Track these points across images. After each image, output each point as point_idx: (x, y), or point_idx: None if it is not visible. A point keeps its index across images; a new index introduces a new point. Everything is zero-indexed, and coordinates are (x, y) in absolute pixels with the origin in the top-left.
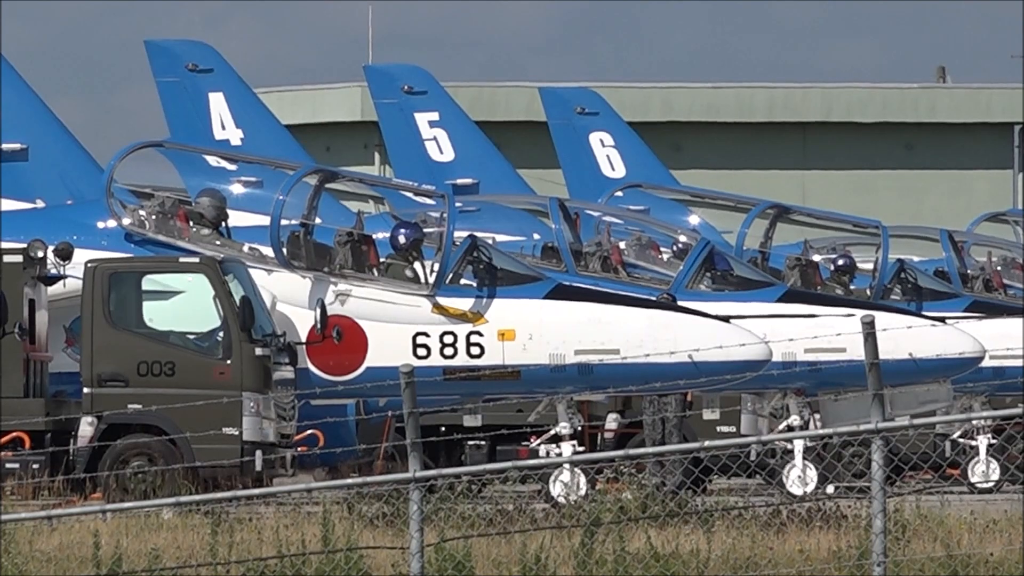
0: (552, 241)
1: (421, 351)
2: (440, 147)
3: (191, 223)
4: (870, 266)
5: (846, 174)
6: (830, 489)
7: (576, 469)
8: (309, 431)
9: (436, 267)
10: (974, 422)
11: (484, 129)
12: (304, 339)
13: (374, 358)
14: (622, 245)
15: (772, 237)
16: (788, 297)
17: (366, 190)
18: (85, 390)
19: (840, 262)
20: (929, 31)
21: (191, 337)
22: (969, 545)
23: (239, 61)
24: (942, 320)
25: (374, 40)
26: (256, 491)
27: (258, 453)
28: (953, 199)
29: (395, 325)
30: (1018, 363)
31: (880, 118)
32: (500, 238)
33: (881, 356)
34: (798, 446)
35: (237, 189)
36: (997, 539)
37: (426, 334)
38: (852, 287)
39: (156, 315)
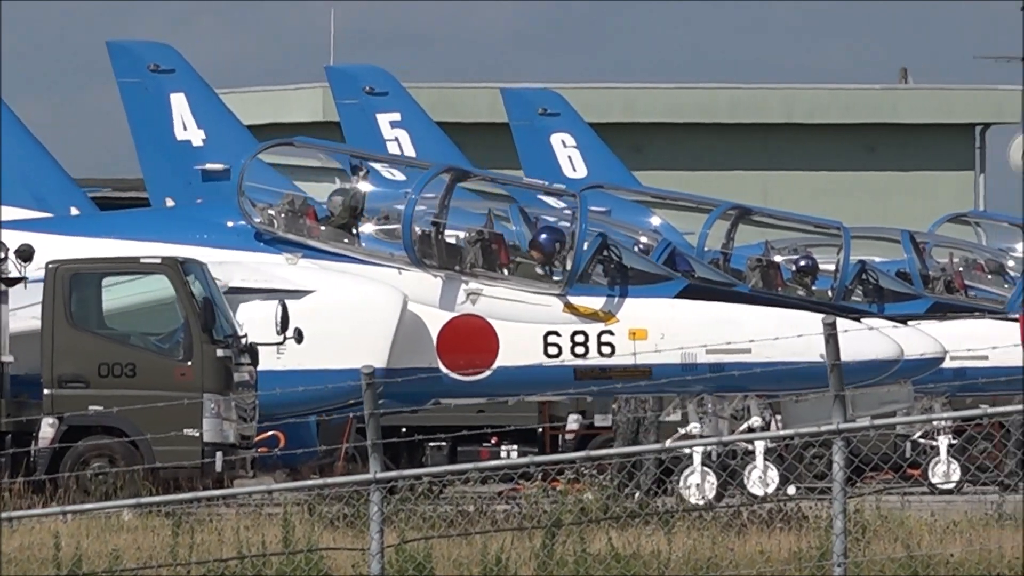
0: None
1: (552, 350)
2: (401, 148)
3: (320, 222)
4: (832, 267)
5: (808, 175)
6: (791, 490)
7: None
8: (270, 432)
9: (567, 266)
10: (935, 423)
11: (446, 130)
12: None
13: (505, 358)
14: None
15: (734, 238)
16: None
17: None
18: (46, 391)
19: (801, 263)
20: (891, 32)
21: (152, 338)
22: (930, 546)
23: (201, 62)
24: (903, 321)
25: (336, 41)
26: (217, 492)
27: (219, 454)
28: (915, 200)
29: (526, 324)
30: (979, 364)
31: (842, 119)
32: None
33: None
34: (759, 447)
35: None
36: (958, 540)
37: (557, 333)
38: (814, 288)
39: (117, 316)
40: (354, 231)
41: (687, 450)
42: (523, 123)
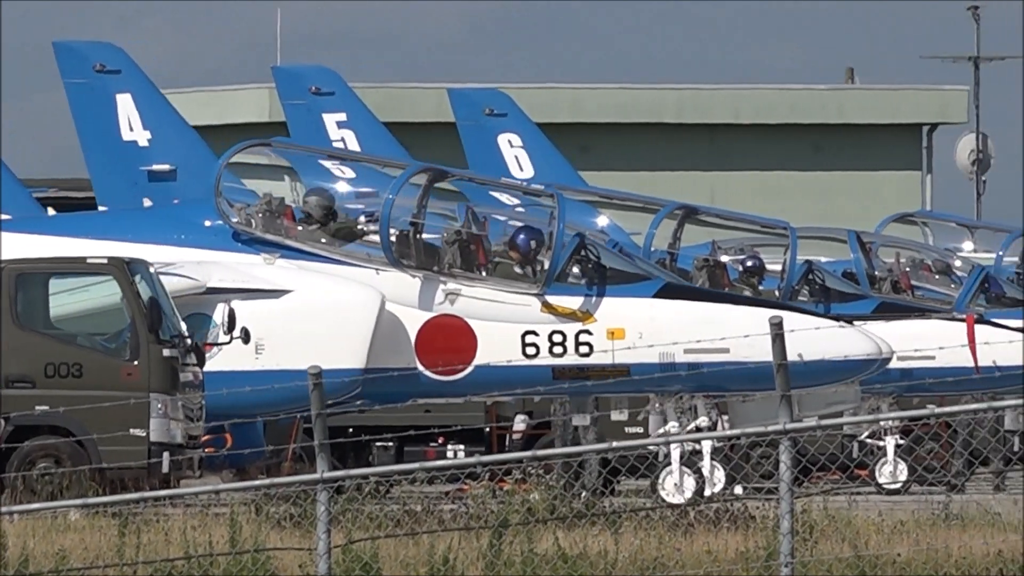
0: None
1: (530, 350)
2: (348, 148)
3: (298, 222)
4: (778, 267)
5: (755, 175)
6: (738, 490)
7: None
8: (219, 435)
9: (545, 265)
10: (882, 423)
11: (392, 130)
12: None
13: (483, 358)
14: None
15: (680, 238)
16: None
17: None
18: None
19: (748, 263)
20: (838, 32)
21: (99, 338)
22: (877, 546)
23: (147, 62)
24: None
25: (282, 41)
26: (163, 492)
27: (165, 454)
28: (862, 200)
29: (504, 324)
30: (926, 364)
31: (789, 119)
32: None
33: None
34: (706, 447)
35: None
36: (904, 540)
37: (535, 333)
38: (761, 288)
39: (64, 316)
40: (331, 231)
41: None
42: (470, 123)
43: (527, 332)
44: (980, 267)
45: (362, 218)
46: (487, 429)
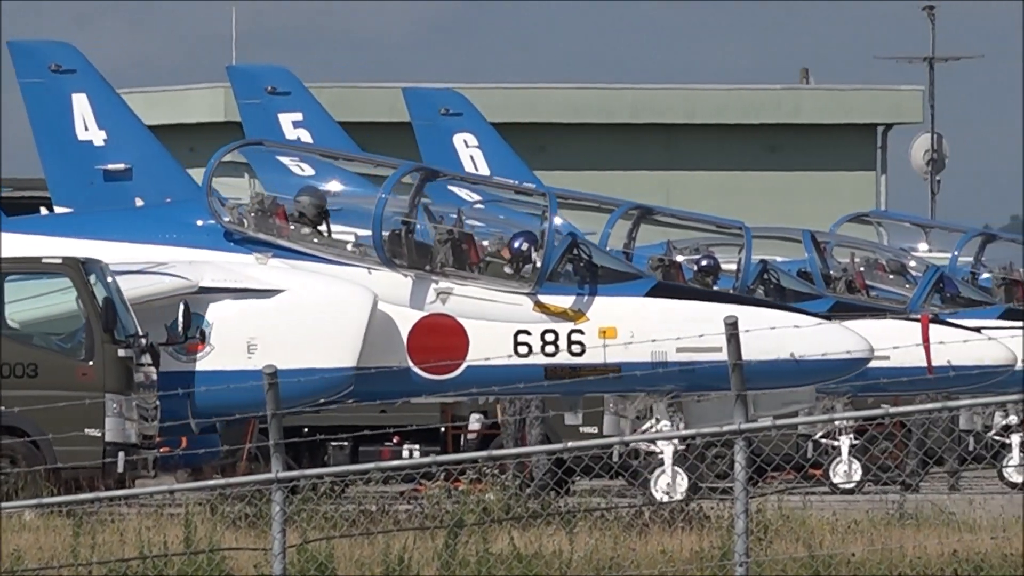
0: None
1: (522, 349)
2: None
3: (290, 221)
4: (733, 267)
5: (710, 175)
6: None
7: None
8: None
9: (537, 265)
10: (836, 423)
11: (348, 130)
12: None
13: (475, 357)
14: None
15: (635, 238)
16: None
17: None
18: None
19: (703, 263)
20: (793, 33)
21: (54, 338)
22: (831, 545)
23: (103, 62)
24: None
25: (237, 41)
26: (118, 492)
27: (120, 454)
28: (816, 200)
29: (496, 323)
30: (881, 364)
31: (743, 119)
32: None
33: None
34: (668, 452)
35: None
36: (859, 539)
37: (527, 332)
38: (716, 287)
39: (19, 315)
40: (324, 230)
41: (650, 445)
42: (425, 123)
43: (519, 331)
44: (935, 267)
45: (355, 217)
46: (442, 429)
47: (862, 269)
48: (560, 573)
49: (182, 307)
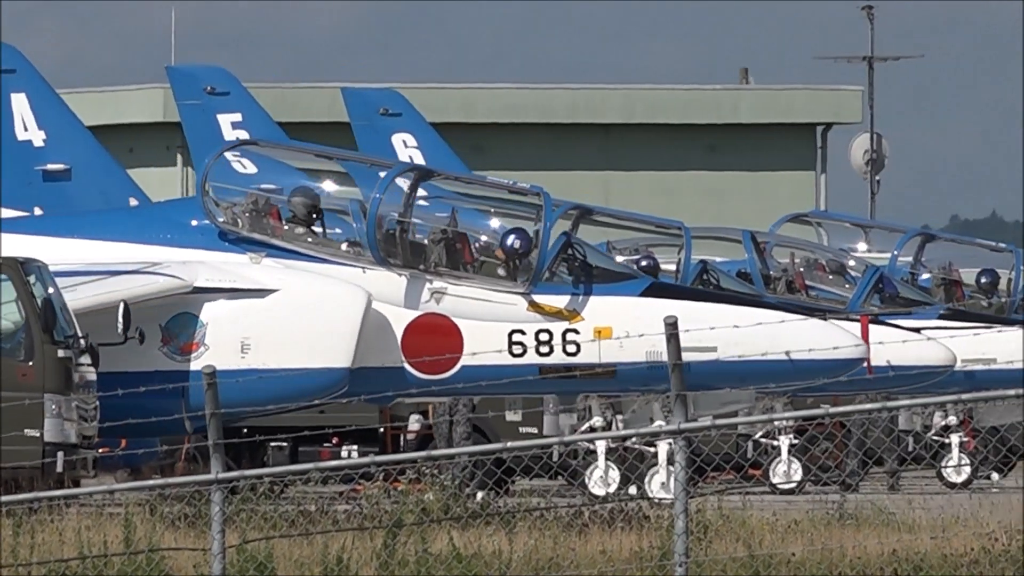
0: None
1: (517, 349)
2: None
3: (284, 221)
4: (672, 267)
5: (649, 175)
6: (632, 490)
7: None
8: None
9: (532, 264)
10: (776, 423)
11: (287, 130)
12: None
13: (470, 356)
14: None
15: None
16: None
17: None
18: None
19: (643, 263)
20: (732, 33)
21: None
22: (771, 545)
23: (42, 62)
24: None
25: (177, 41)
26: (58, 492)
27: (60, 454)
28: (756, 200)
29: (490, 323)
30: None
31: (682, 119)
32: None
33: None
34: (601, 447)
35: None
36: (799, 539)
37: (522, 332)
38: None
39: None
40: (318, 230)
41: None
42: (364, 123)
43: (514, 331)
44: (874, 267)
45: (349, 216)
46: (381, 430)
47: (802, 269)
48: (500, 573)
49: (121, 306)
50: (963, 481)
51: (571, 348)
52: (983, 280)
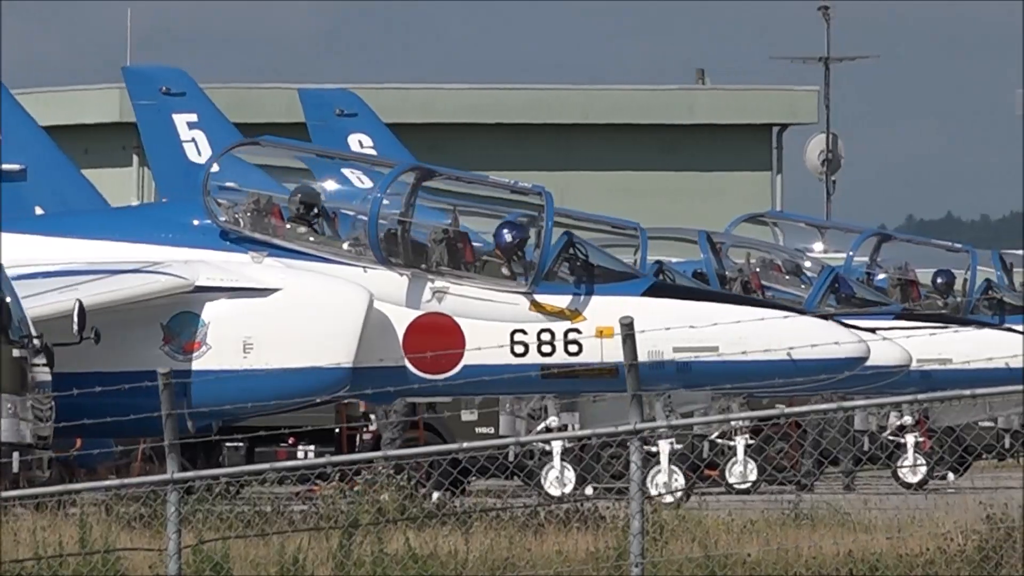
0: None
1: (519, 348)
2: (199, 148)
3: (286, 221)
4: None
5: (605, 175)
6: (588, 490)
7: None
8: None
9: (534, 264)
10: (732, 423)
11: (243, 130)
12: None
13: (472, 356)
14: None
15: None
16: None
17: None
18: None
19: None
20: (688, 33)
21: None
22: (727, 545)
23: None
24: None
25: (133, 41)
26: (13, 493)
27: (15, 455)
28: (712, 200)
29: (493, 323)
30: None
31: (639, 120)
32: None
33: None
34: (556, 447)
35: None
36: (754, 539)
37: (524, 331)
38: None
39: None
40: (319, 229)
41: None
42: (320, 123)
43: (516, 331)
44: (830, 267)
45: (351, 216)
46: (337, 430)
47: (758, 269)
48: (455, 573)
49: (76, 305)
50: (918, 481)
51: (573, 348)
52: (939, 280)
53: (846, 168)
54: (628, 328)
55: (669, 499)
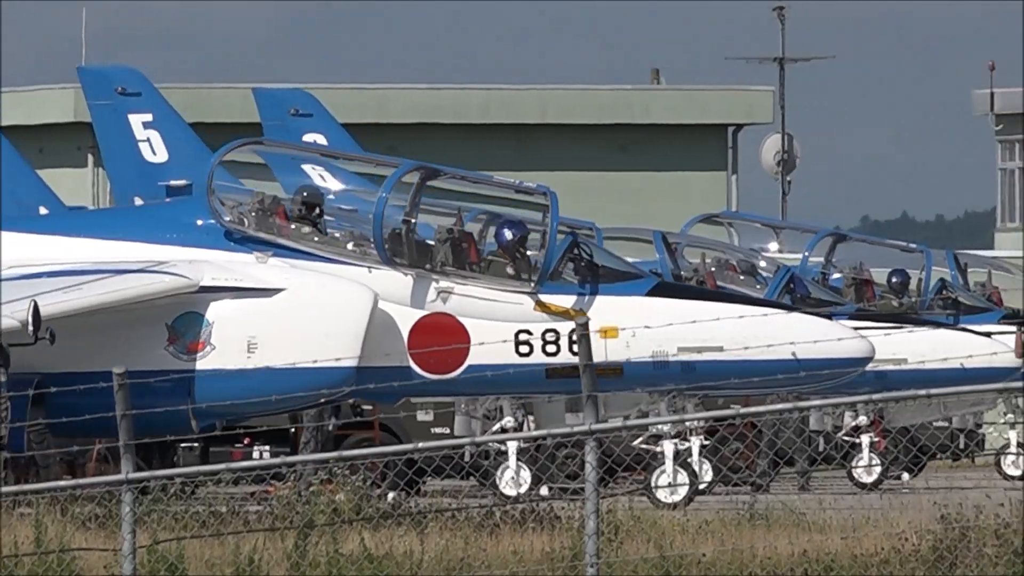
0: None
1: (523, 348)
2: (154, 148)
3: (290, 220)
4: None
5: (561, 175)
6: (544, 490)
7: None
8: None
9: (538, 264)
10: (687, 423)
11: (198, 131)
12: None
13: (476, 356)
14: None
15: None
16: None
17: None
18: None
19: None
20: (643, 33)
21: None
22: (682, 546)
23: None
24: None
25: (88, 41)
26: None
27: None
28: (668, 200)
29: (497, 323)
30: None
31: (595, 120)
32: None
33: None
34: (512, 447)
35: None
36: (710, 540)
37: (528, 332)
38: None
39: None
40: (324, 229)
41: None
42: (275, 123)
43: (520, 331)
44: (785, 267)
45: (355, 215)
46: (292, 430)
47: (713, 270)
48: (411, 573)
49: (31, 306)
50: (873, 481)
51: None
52: (894, 280)
53: (801, 168)
54: (583, 328)
55: (674, 498)
